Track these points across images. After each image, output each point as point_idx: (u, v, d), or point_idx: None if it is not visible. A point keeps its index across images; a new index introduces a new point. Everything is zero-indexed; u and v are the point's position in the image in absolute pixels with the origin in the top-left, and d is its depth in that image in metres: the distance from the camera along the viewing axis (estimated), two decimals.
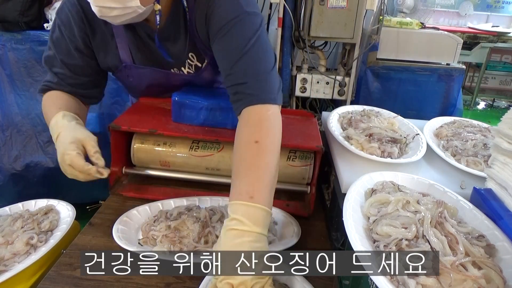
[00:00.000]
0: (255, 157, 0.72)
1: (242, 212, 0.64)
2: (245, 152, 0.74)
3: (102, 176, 0.79)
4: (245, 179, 0.70)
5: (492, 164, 0.72)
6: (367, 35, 2.23)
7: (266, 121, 0.77)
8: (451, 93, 2.43)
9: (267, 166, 0.72)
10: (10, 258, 0.78)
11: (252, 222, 0.63)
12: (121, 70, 1.01)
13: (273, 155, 0.74)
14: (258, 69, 0.80)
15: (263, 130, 0.75)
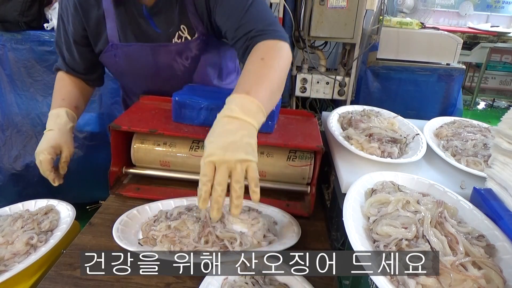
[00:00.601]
0: (258, 69, 0.77)
1: (236, 102, 0.68)
2: (250, 66, 0.78)
3: (54, 184, 0.95)
4: (244, 82, 0.74)
5: (492, 164, 0.72)
6: (367, 35, 2.23)
7: (274, 46, 0.83)
8: (451, 93, 2.43)
9: (268, 76, 0.75)
10: (10, 258, 0.78)
11: (243, 112, 0.66)
12: (108, 50, 1.02)
13: (276, 72, 0.78)
14: (264, 17, 0.88)
15: (270, 52, 0.81)
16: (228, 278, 0.68)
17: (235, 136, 0.64)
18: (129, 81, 1.12)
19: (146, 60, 1.03)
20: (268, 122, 0.97)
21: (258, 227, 0.82)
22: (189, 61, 1.03)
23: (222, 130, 0.66)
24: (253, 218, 0.85)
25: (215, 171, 0.61)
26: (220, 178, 0.61)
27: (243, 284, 0.66)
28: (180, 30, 0.98)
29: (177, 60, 1.03)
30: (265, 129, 0.98)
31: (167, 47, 1.01)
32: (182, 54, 1.02)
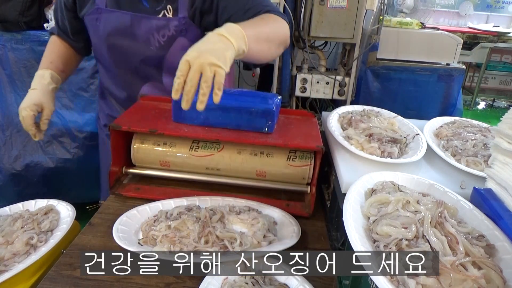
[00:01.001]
0: (256, 21, 0.92)
1: (226, 26, 0.79)
2: (250, 20, 0.92)
3: (35, 138, 1.05)
4: (243, 22, 0.85)
5: (492, 164, 0.72)
6: (367, 35, 2.23)
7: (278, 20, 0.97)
8: (451, 93, 2.43)
9: (261, 27, 0.90)
10: (10, 258, 0.78)
11: (228, 32, 0.77)
12: (92, 13, 1.04)
13: (271, 29, 0.93)
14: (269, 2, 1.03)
15: (271, 19, 0.96)
16: (228, 278, 0.68)
17: (213, 45, 0.76)
18: (104, 55, 1.12)
19: (125, 29, 1.05)
20: (268, 122, 0.97)
21: (258, 227, 0.82)
22: (165, 39, 1.04)
23: (205, 40, 0.77)
24: (253, 218, 0.85)
25: (189, 70, 0.72)
26: (192, 75, 0.72)
27: (243, 284, 0.66)
28: (166, 10, 1.02)
29: (154, 35, 1.04)
30: (265, 129, 0.98)
31: (148, 19, 1.03)
32: (160, 30, 1.03)
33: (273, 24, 0.95)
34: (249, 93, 1.05)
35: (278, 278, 0.69)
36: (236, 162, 1.00)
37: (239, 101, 0.98)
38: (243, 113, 0.97)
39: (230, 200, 0.94)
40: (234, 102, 0.98)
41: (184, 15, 1.03)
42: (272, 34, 0.93)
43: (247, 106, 0.96)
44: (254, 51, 0.85)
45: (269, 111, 0.96)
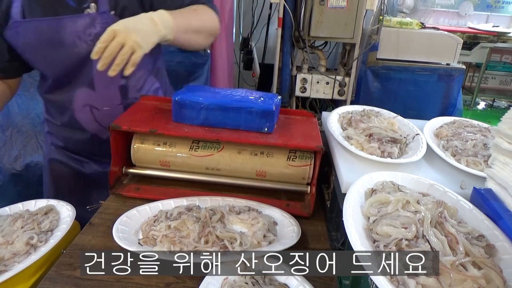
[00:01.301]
0: (188, 12, 0.99)
1: (161, 13, 0.87)
2: (184, 9, 0.99)
3: None
4: (175, 12, 0.92)
5: (492, 164, 0.72)
6: (367, 35, 2.23)
7: (210, 13, 1.04)
8: (451, 93, 2.43)
9: (192, 19, 0.98)
10: (10, 258, 0.78)
11: (161, 20, 0.86)
12: (10, 28, 0.97)
13: (200, 21, 1.01)
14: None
15: (203, 10, 1.03)
16: (228, 278, 0.68)
17: (143, 27, 0.83)
18: (38, 64, 1.06)
19: (47, 37, 0.98)
20: (268, 122, 0.97)
21: (258, 227, 0.82)
22: (92, 38, 0.98)
23: (136, 19, 0.84)
24: (253, 218, 0.85)
25: (113, 39, 0.79)
26: (113, 45, 0.79)
27: (243, 284, 0.66)
28: (90, 7, 0.97)
29: (80, 36, 0.98)
30: (265, 129, 0.98)
31: (72, 20, 0.97)
32: (86, 29, 0.98)
33: (204, 17, 1.02)
34: (249, 93, 1.06)
35: (278, 278, 0.69)
36: (236, 162, 1.01)
37: (239, 101, 0.98)
38: (243, 113, 0.97)
39: (230, 200, 0.94)
40: (234, 102, 0.98)
41: (105, 10, 0.98)
42: (202, 27, 1.01)
43: (247, 106, 0.96)
44: (181, 40, 0.95)
45: (269, 111, 0.96)
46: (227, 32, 2.50)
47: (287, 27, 2.15)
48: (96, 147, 1.16)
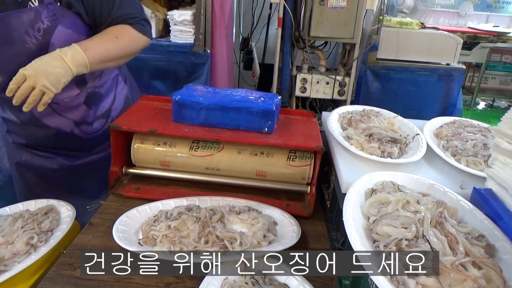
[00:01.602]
0: (110, 41, 0.98)
1: (75, 50, 0.89)
2: (106, 36, 0.99)
3: None
4: (93, 41, 0.95)
5: (492, 164, 0.72)
6: (367, 35, 2.23)
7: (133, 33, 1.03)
8: (451, 93, 2.43)
9: (111, 52, 0.98)
10: (10, 258, 0.78)
11: (72, 60, 0.88)
12: None
13: (123, 48, 1.02)
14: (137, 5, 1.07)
15: (127, 34, 1.02)
16: (228, 278, 0.68)
17: (53, 69, 0.86)
18: None
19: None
20: (268, 122, 0.97)
21: (258, 227, 0.82)
22: (41, 33, 0.94)
23: (46, 60, 0.87)
24: (253, 218, 0.85)
25: (24, 82, 0.83)
26: (23, 87, 0.84)
27: (243, 284, 0.66)
28: (31, 1, 0.92)
29: (29, 32, 0.94)
30: (265, 129, 0.98)
31: (17, 15, 0.92)
32: (33, 24, 0.93)
33: (126, 43, 1.02)
34: (249, 93, 1.06)
35: (278, 278, 0.69)
36: (236, 162, 1.00)
37: (239, 101, 0.98)
38: (243, 113, 0.97)
39: (230, 200, 0.94)
40: (234, 102, 0.98)
41: (50, 1, 0.93)
42: (122, 54, 1.02)
43: (247, 106, 0.96)
44: (97, 69, 0.99)
45: (269, 111, 0.96)
46: (227, 32, 2.50)
47: (287, 27, 2.15)
48: (61, 141, 1.15)
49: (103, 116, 1.18)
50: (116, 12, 1.00)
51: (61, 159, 1.20)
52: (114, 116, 1.20)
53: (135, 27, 1.02)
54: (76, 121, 1.12)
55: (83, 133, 1.15)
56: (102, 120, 1.18)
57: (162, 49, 2.33)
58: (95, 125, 1.17)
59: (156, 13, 2.37)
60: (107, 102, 1.18)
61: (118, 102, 1.22)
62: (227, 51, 2.55)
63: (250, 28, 3.00)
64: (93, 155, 1.22)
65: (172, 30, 2.32)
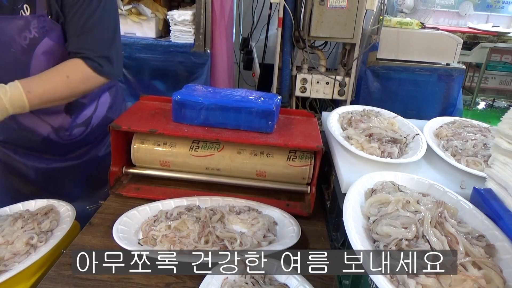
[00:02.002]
0: (58, 81, 0.92)
1: (14, 91, 0.85)
2: (55, 74, 0.93)
3: None
4: (38, 82, 0.90)
5: (492, 164, 0.72)
6: (367, 35, 2.23)
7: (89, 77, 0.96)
8: (451, 93, 2.43)
9: (58, 93, 0.93)
10: (10, 258, 0.78)
11: (11, 102, 0.85)
12: None
13: (68, 89, 0.95)
14: (105, 40, 0.97)
15: (79, 78, 0.95)
16: (228, 278, 0.68)
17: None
18: None
19: None
20: (268, 122, 0.97)
21: (258, 227, 0.82)
22: (27, 42, 0.94)
23: None
24: (253, 218, 0.85)
25: None
26: None
27: (243, 284, 0.66)
28: (23, 9, 0.92)
29: (15, 39, 0.93)
30: (265, 129, 0.98)
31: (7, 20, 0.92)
32: (22, 32, 0.93)
33: (77, 84, 0.95)
34: (249, 93, 1.06)
35: (278, 278, 0.69)
36: (236, 162, 1.01)
37: (239, 101, 0.98)
38: (243, 113, 0.97)
39: (230, 200, 0.94)
40: (234, 102, 0.98)
41: (42, 13, 0.92)
42: (72, 93, 0.96)
43: (247, 106, 0.96)
44: (40, 107, 0.92)
45: (269, 111, 0.96)
46: (227, 32, 2.50)
47: (287, 27, 2.15)
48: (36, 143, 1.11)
49: (84, 124, 1.15)
50: (77, 44, 0.94)
51: (36, 161, 1.16)
52: (94, 124, 1.17)
53: (90, 66, 0.94)
54: (54, 126, 1.09)
55: (60, 138, 1.12)
56: (82, 128, 1.15)
57: (162, 49, 2.33)
58: (74, 132, 1.13)
59: (156, 13, 2.38)
60: (88, 110, 1.15)
61: (100, 110, 1.18)
62: (227, 51, 2.55)
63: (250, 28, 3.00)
64: (69, 161, 1.18)
65: (172, 30, 2.32)
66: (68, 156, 1.17)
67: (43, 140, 1.10)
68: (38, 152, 1.15)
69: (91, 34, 0.95)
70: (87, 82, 0.97)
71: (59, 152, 1.16)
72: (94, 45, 0.95)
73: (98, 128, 1.18)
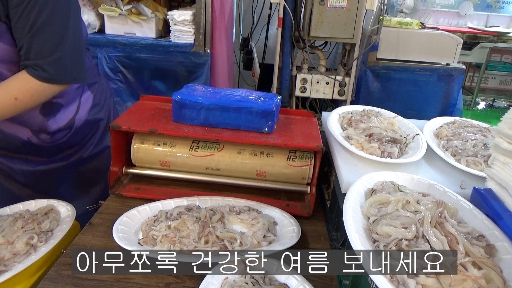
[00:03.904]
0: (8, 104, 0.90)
1: None
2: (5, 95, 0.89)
3: None
4: None
5: (492, 164, 0.72)
6: (367, 35, 2.23)
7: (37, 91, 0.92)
8: (451, 93, 2.43)
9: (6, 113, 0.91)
10: (10, 258, 0.78)
11: None
12: None
13: (21, 111, 0.94)
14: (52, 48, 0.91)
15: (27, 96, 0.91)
16: (228, 278, 0.68)
17: None
18: None
19: None
20: (268, 122, 0.97)
21: (258, 227, 0.82)
22: None
23: None
24: (253, 218, 0.85)
25: None
26: None
27: (243, 284, 0.66)
28: None
29: None
30: (265, 129, 0.98)
31: None
32: None
33: (26, 102, 0.92)
34: (249, 93, 1.06)
35: (278, 278, 0.69)
36: (236, 162, 1.01)
37: (239, 101, 0.98)
38: (243, 113, 0.97)
39: (230, 200, 0.94)
40: (234, 102, 0.98)
41: None
42: (22, 111, 0.93)
43: (247, 106, 0.96)
44: None
45: (269, 111, 0.96)
46: (227, 32, 2.50)
47: (287, 27, 2.15)
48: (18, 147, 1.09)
49: (66, 127, 1.11)
50: (25, 50, 0.88)
51: (22, 163, 1.13)
52: (78, 125, 1.13)
53: (39, 77, 0.90)
54: (34, 129, 1.06)
55: (42, 141, 1.09)
56: (65, 131, 1.11)
57: (162, 49, 2.33)
58: (57, 135, 1.10)
59: (156, 13, 2.38)
60: (69, 112, 1.10)
61: (82, 111, 1.14)
62: (227, 51, 2.55)
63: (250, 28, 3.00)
64: (55, 163, 1.15)
65: (172, 30, 2.32)
66: (53, 158, 1.14)
67: (25, 144, 1.07)
68: (22, 154, 1.12)
69: (37, 38, 0.89)
70: (39, 96, 0.94)
71: (43, 154, 1.13)
72: (42, 50, 0.90)
73: (82, 129, 1.15)
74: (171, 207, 0.91)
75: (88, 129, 1.16)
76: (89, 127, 1.16)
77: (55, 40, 0.91)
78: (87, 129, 1.16)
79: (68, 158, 1.16)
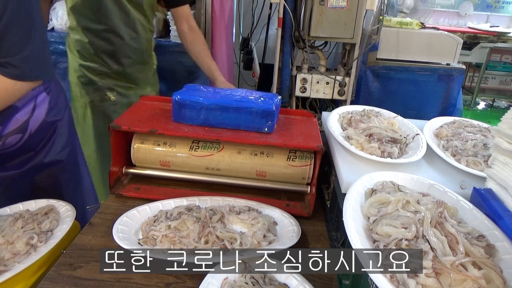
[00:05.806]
0: None
1: None
2: None
3: None
4: None
5: (492, 164, 0.72)
6: (367, 35, 2.23)
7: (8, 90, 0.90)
8: (451, 93, 2.43)
9: None
10: (10, 258, 0.78)
11: None
12: None
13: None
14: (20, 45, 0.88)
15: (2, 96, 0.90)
16: (228, 278, 0.68)
17: None
18: None
19: None
20: (268, 122, 0.97)
21: (258, 227, 0.82)
22: None
23: None
24: (253, 218, 0.85)
25: None
26: None
27: (243, 284, 0.66)
28: None
29: None
30: (265, 129, 0.98)
31: None
32: None
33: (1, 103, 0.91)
34: (249, 93, 1.06)
35: (278, 278, 0.69)
36: (236, 162, 1.01)
37: (239, 101, 0.99)
38: (243, 113, 0.97)
39: (230, 200, 0.94)
40: (234, 102, 0.98)
41: None
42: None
43: (247, 106, 0.96)
44: None
45: (269, 111, 0.96)
46: (227, 32, 2.50)
47: (287, 27, 2.15)
48: None
49: (19, 131, 1.02)
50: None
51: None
52: (33, 129, 1.05)
53: (9, 75, 0.88)
54: None
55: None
56: (18, 136, 1.03)
57: (162, 49, 2.33)
58: (9, 140, 1.02)
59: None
60: (22, 114, 1.02)
61: (38, 113, 1.06)
62: (227, 51, 2.55)
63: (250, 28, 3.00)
64: (10, 170, 1.06)
65: (172, 30, 2.32)
66: (6, 166, 1.06)
67: None
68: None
69: (5, 36, 0.86)
70: (12, 96, 0.93)
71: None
72: (11, 47, 0.88)
73: (38, 134, 1.07)
74: (171, 207, 0.91)
75: (44, 133, 1.09)
76: (45, 131, 1.09)
77: (24, 36, 0.89)
78: (43, 134, 1.09)
79: (23, 165, 1.08)
